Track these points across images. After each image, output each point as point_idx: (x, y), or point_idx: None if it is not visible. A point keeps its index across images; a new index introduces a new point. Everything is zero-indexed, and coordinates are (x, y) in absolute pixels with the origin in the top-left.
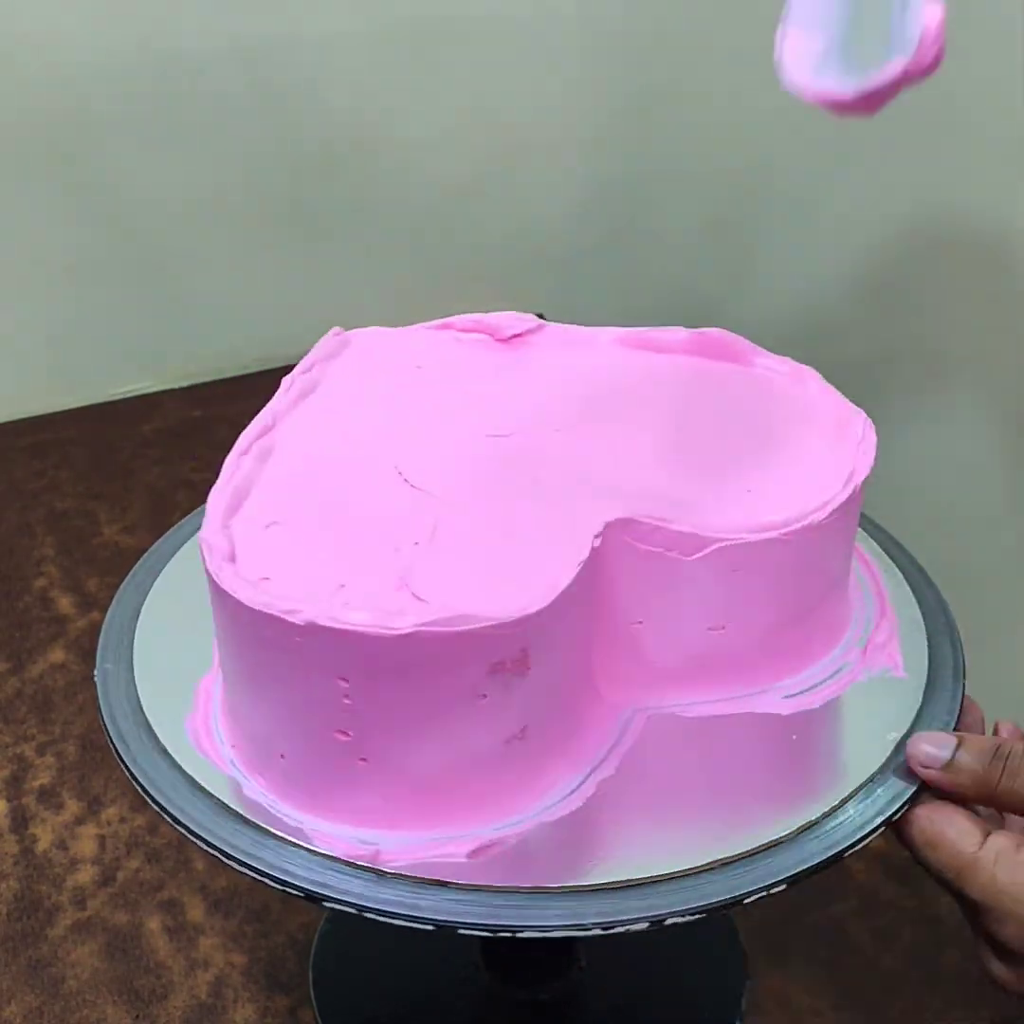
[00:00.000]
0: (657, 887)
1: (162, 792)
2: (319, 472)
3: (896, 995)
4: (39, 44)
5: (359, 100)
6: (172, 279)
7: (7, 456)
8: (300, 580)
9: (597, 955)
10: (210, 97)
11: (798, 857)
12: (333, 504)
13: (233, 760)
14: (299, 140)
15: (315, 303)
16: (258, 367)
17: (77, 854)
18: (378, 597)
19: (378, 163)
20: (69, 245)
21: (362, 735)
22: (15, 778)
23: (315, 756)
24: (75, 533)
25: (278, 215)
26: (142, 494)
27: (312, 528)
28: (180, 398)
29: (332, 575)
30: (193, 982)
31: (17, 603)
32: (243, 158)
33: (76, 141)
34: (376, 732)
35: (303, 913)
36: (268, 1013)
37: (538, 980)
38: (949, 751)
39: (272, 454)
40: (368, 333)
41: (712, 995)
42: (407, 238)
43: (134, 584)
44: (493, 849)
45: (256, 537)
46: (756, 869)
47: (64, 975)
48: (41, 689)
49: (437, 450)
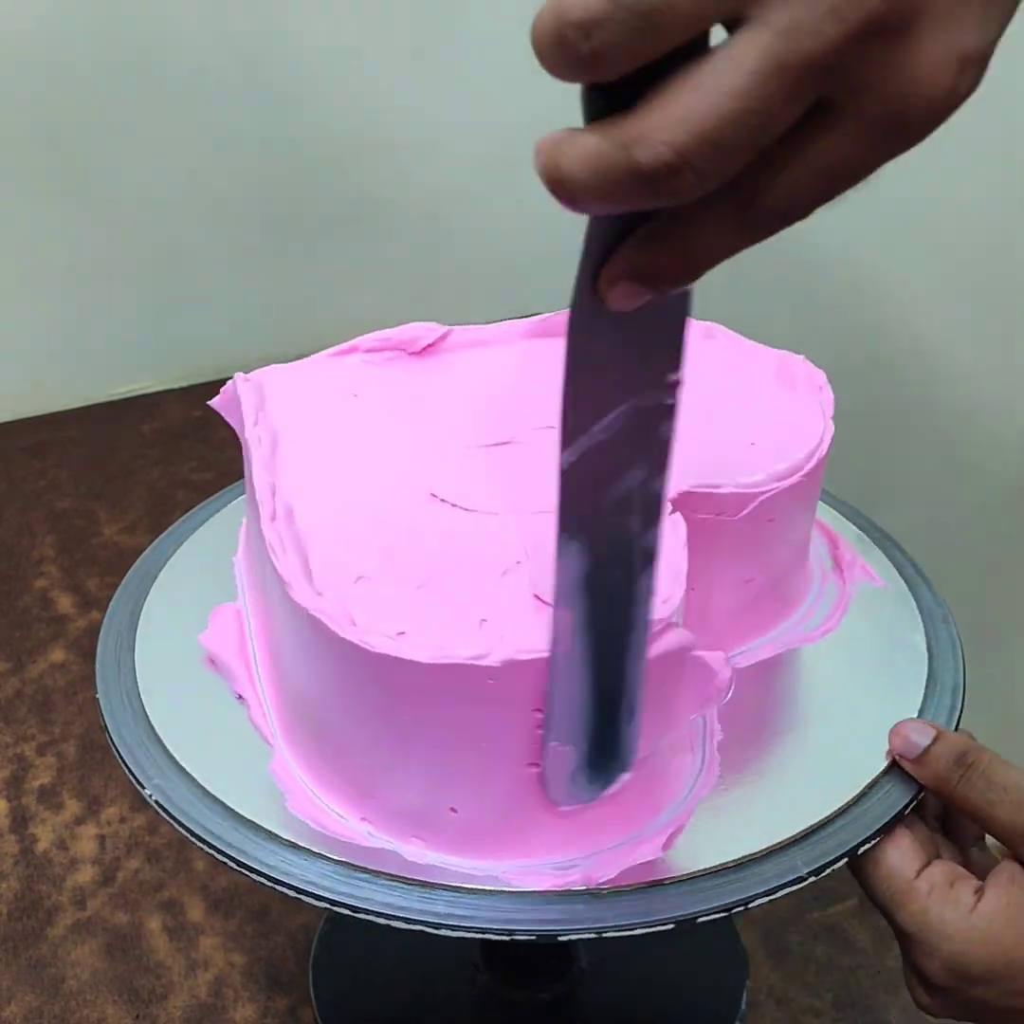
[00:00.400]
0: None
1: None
2: (359, 515)
3: (896, 995)
4: (39, 44)
5: (359, 101)
6: (172, 279)
7: (7, 456)
8: (435, 625)
9: (597, 955)
10: (210, 98)
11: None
12: (398, 544)
13: (370, 831)
14: (299, 141)
15: (315, 303)
16: (258, 367)
17: (77, 854)
18: (524, 619)
19: (378, 164)
20: (69, 245)
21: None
22: (15, 778)
23: (503, 798)
24: (75, 533)
25: (278, 216)
26: (142, 494)
27: (399, 573)
28: (180, 398)
29: (463, 612)
30: (193, 982)
31: (17, 603)
32: (243, 159)
33: (76, 141)
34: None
35: (303, 913)
36: (268, 1013)
37: (538, 980)
38: (927, 740)
39: (295, 512)
40: (271, 372)
41: (712, 995)
42: (407, 239)
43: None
44: (676, 835)
45: (351, 596)
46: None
47: (64, 975)
48: (41, 689)
49: (455, 469)
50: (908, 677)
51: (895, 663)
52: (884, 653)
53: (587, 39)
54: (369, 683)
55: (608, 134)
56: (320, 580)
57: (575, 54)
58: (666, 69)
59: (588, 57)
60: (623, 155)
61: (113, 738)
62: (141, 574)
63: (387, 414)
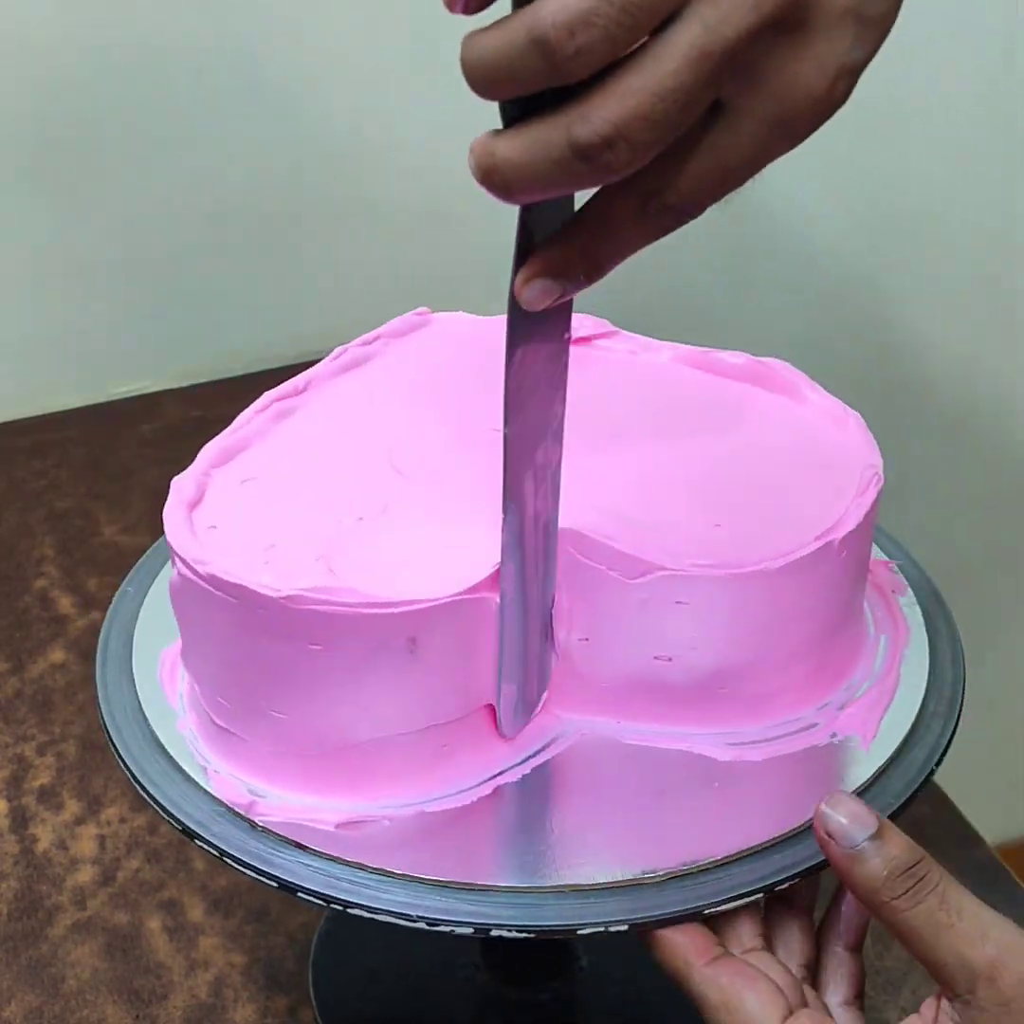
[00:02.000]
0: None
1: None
2: (321, 442)
3: (896, 995)
4: (38, 44)
5: (359, 100)
6: (173, 279)
7: (7, 456)
8: (241, 535)
9: (597, 955)
10: (209, 97)
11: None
12: (313, 473)
13: (182, 693)
14: (299, 140)
15: (315, 303)
16: (258, 367)
17: (77, 854)
18: (296, 562)
19: (378, 163)
20: (69, 245)
21: (257, 691)
22: (15, 778)
23: (223, 703)
24: (75, 533)
25: (278, 215)
26: (142, 494)
27: (282, 490)
28: (180, 398)
29: (270, 535)
30: (193, 982)
31: (17, 603)
32: (243, 158)
33: (76, 141)
34: (268, 689)
35: (303, 913)
36: (268, 1013)
37: (538, 980)
38: (863, 836)
39: (292, 416)
40: (451, 317)
41: None
42: (407, 238)
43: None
44: (364, 826)
45: (229, 489)
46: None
47: (64, 975)
48: (41, 689)
49: (435, 440)
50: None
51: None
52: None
53: (571, 38)
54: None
55: (547, 120)
56: (225, 468)
57: (556, 56)
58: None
59: (571, 56)
60: (562, 133)
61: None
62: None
63: (469, 383)
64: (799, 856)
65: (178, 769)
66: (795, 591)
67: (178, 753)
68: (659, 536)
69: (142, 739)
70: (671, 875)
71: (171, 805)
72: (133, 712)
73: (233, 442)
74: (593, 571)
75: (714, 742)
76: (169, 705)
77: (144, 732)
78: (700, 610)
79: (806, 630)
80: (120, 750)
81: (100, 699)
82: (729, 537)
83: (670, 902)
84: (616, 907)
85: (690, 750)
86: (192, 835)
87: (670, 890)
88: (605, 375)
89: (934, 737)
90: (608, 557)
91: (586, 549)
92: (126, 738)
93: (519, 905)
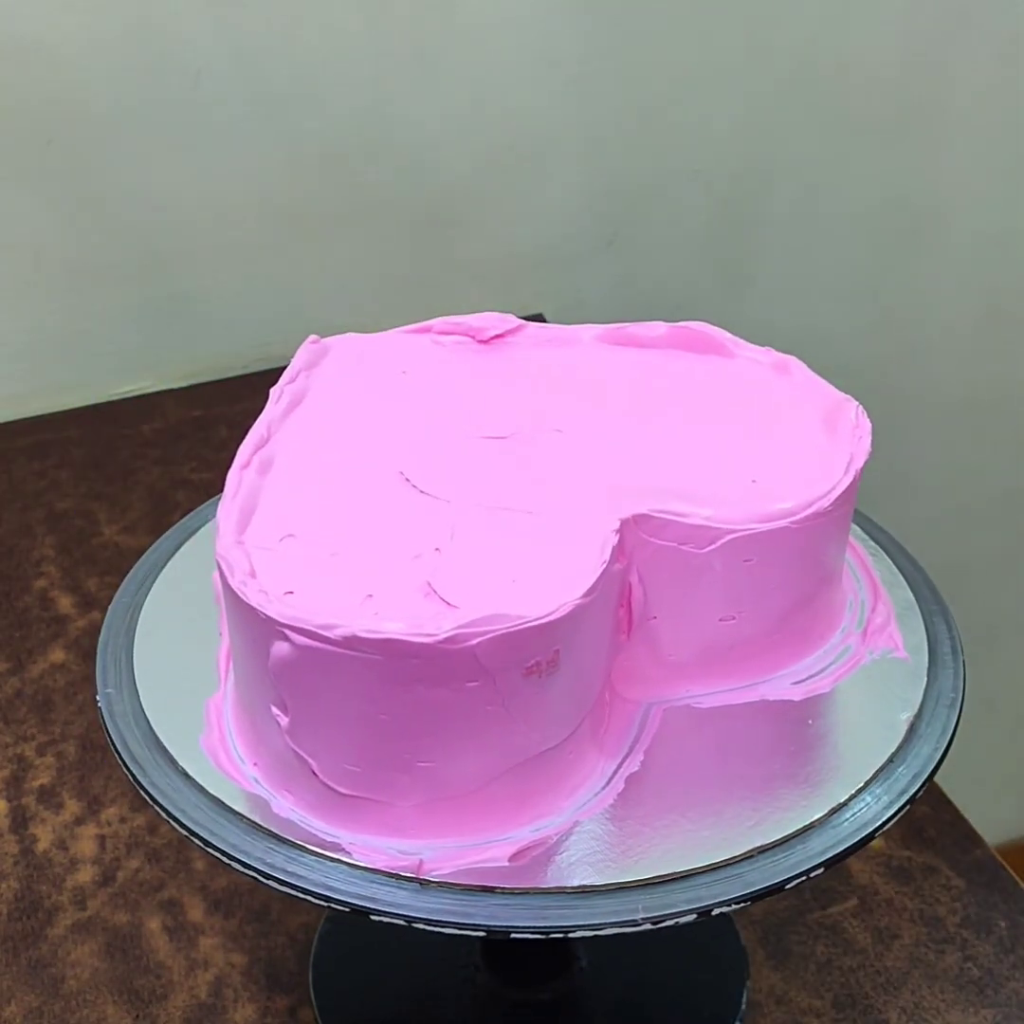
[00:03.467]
0: (700, 878)
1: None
2: (325, 482)
3: (896, 995)
4: (38, 43)
5: (359, 100)
6: (172, 279)
7: (7, 456)
8: (325, 593)
9: (597, 955)
10: (209, 97)
11: (832, 839)
12: (344, 513)
13: (256, 778)
14: (299, 140)
15: (315, 303)
16: (258, 367)
17: (77, 854)
18: (408, 605)
19: (378, 163)
20: (69, 245)
21: (401, 745)
22: (15, 778)
23: (354, 769)
24: (75, 533)
25: (278, 215)
26: (142, 494)
27: (327, 539)
28: (180, 398)
29: (357, 586)
30: (193, 982)
31: (17, 603)
32: (243, 158)
33: (76, 141)
34: (416, 741)
35: (303, 913)
36: (268, 1013)
37: (538, 980)
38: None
39: (272, 466)
40: (345, 340)
41: (712, 995)
42: (407, 239)
43: (134, 584)
44: (534, 851)
45: (272, 551)
46: (793, 854)
47: (64, 975)
48: (41, 689)
49: (438, 454)
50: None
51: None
52: (863, 726)
53: None
54: (251, 637)
55: None
56: (250, 532)
57: None
58: None
59: None
60: None
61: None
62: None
63: (418, 395)
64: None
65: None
66: (835, 522)
67: (283, 828)
68: (714, 503)
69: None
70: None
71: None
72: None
73: (241, 504)
74: (663, 550)
75: (782, 685)
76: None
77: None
78: (761, 563)
79: (836, 554)
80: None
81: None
82: (769, 489)
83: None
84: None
85: (765, 698)
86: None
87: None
88: (542, 369)
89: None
90: (680, 533)
91: (656, 530)
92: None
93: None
